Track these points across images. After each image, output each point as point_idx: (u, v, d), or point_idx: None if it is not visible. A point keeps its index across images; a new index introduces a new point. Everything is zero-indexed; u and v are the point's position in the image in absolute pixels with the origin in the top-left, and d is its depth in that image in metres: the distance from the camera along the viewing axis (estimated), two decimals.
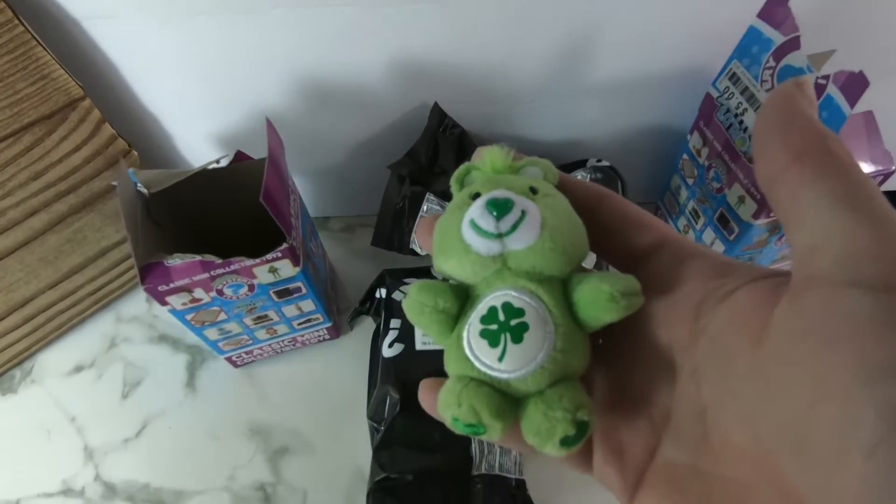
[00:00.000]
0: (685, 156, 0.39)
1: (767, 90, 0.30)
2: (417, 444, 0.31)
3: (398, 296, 0.38)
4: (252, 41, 0.37)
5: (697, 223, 0.40)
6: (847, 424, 0.10)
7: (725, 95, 0.33)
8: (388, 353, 0.35)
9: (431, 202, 0.41)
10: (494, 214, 0.15)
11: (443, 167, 0.41)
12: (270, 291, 0.34)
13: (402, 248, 0.42)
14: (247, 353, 0.40)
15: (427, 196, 0.41)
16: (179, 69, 0.38)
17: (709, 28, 0.35)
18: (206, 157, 0.45)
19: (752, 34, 0.31)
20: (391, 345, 0.35)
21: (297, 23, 0.36)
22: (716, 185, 0.36)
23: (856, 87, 0.27)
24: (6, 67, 0.34)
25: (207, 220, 0.38)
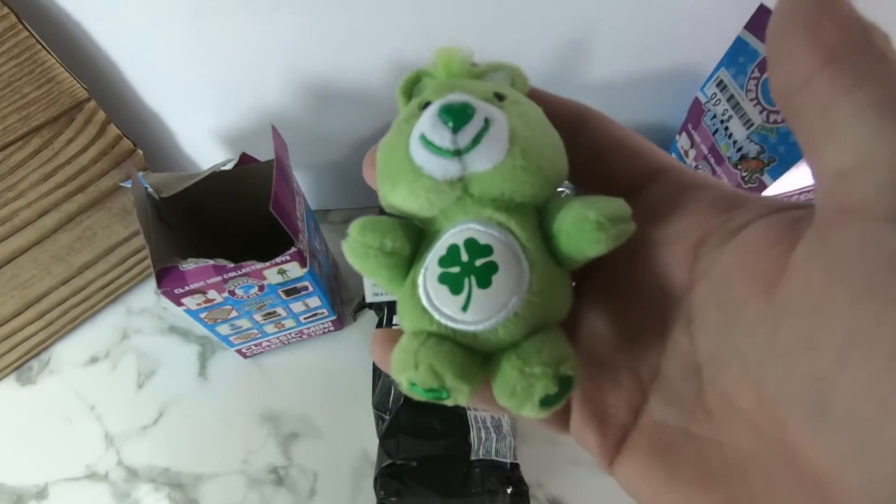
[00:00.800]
0: (674, 155, 0.41)
1: (752, 100, 0.31)
2: (420, 433, 0.33)
3: None
4: (254, 41, 0.37)
5: None
6: (888, 387, 0.08)
7: (712, 101, 0.35)
8: None
9: None
10: (450, 125, 0.12)
11: None
12: (279, 290, 0.36)
13: None
14: (256, 346, 0.42)
15: None
16: (182, 68, 0.39)
17: (700, 33, 0.36)
18: (210, 154, 0.46)
19: (739, 44, 0.32)
20: None
21: (299, 24, 0.36)
22: None
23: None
24: (13, 72, 0.35)
25: (215, 220, 0.39)
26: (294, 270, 0.34)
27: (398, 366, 0.12)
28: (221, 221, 0.40)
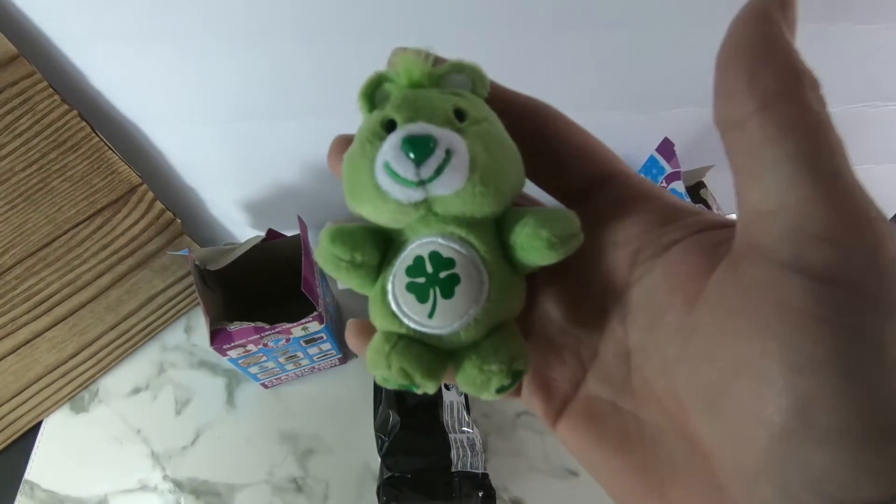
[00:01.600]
0: None
1: None
2: (413, 451, 0.43)
3: None
4: (275, 139, 0.46)
5: None
6: (762, 406, 0.10)
7: None
8: None
9: None
10: (412, 157, 0.13)
11: None
12: (301, 341, 0.45)
13: None
14: (276, 379, 0.51)
15: None
16: (215, 155, 0.48)
17: (623, 149, 0.47)
18: (237, 221, 0.55)
19: (652, 161, 0.43)
20: None
21: (315, 128, 0.45)
22: None
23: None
24: (85, 169, 0.43)
25: (247, 283, 0.49)
26: (314, 326, 0.44)
27: (373, 365, 0.14)
28: (251, 282, 0.49)
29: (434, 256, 0.14)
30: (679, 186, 0.40)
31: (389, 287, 0.14)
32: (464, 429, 0.46)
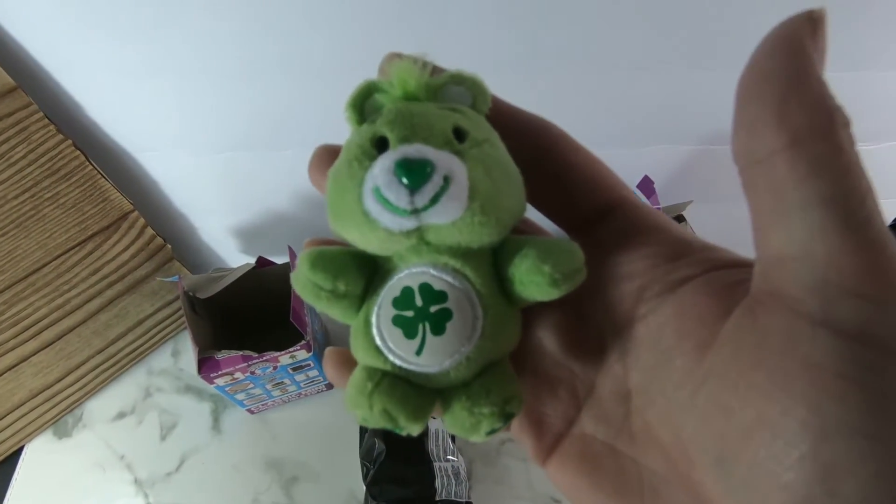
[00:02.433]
0: None
1: None
2: (398, 480, 0.44)
3: None
4: (266, 168, 0.47)
5: None
6: (781, 469, 0.10)
7: None
8: None
9: None
10: (406, 183, 0.11)
11: None
12: (289, 368, 0.46)
13: None
14: (262, 404, 0.51)
15: None
16: (205, 182, 0.48)
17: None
18: (226, 246, 0.55)
19: None
20: None
21: (305, 158, 0.46)
22: None
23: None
24: (77, 196, 0.44)
25: (236, 310, 0.49)
26: (301, 354, 0.44)
27: (353, 403, 0.12)
28: (240, 308, 0.49)
29: (424, 288, 0.12)
30: None
31: (374, 319, 0.13)
32: (449, 457, 0.46)
